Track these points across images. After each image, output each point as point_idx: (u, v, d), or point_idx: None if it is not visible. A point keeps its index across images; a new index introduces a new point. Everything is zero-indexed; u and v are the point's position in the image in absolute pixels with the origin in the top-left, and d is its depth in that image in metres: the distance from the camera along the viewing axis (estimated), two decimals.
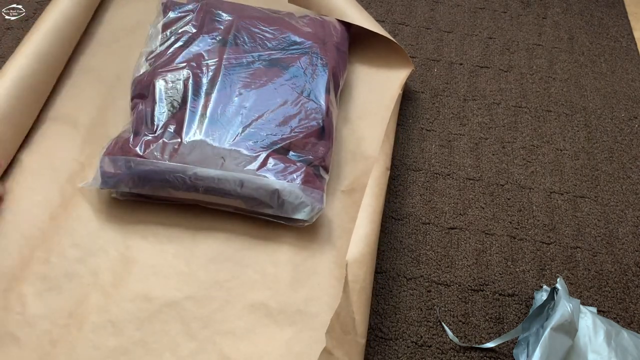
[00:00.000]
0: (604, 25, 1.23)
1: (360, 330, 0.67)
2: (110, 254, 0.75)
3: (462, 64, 1.11)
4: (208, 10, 0.94)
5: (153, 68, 0.85)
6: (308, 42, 0.93)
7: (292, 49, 0.91)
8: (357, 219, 0.74)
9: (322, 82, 0.88)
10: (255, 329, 0.70)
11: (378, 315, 0.76)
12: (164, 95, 0.82)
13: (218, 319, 0.71)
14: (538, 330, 0.71)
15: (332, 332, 0.64)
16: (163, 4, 0.96)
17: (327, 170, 0.82)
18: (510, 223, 0.88)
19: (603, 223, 0.89)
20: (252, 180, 0.75)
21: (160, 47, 0.89)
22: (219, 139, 0.78)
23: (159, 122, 0.80)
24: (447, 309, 0.78)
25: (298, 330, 0.71)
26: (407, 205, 0.88)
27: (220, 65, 0.87)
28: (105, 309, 0.70)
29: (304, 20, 0.98)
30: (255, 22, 0.94)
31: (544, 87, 1.09)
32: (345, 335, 0.66)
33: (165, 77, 0.83)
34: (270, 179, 0.76)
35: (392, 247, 0.83)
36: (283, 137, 0.80)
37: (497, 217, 0.88)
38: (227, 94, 0.83)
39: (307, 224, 0.78)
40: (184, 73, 0.84)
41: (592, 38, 1.20)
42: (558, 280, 0.72)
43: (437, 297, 0.79)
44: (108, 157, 0.76)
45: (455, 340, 0.74)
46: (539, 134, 1.01)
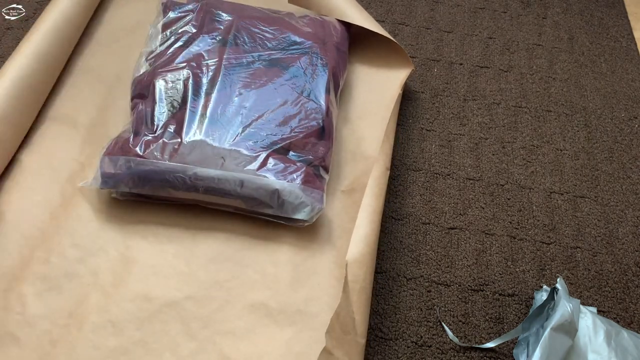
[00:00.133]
0: (604, 25, 1.23)
1: (360, 330, 0.67)
2: (110, 254, 0.75)
3: (462, 64, 1.11)
4: (208, 10, 0.94)
5: (153, 68, 0.85)
6: (308, 42, 0.93)
7: (292, 49, 0.91)
8: (357, 219, 0.74)
9: (322, 82, 0.88)
10: (255, 329, 0.70)
11: (378, 315, 0.76)
12: (164, 95, 0.82)
13: (218, 319, 0.71)
14: (538, 330, 0.71)
15: (332, 332, 0.64)
16: (163, 4, 0.96)
17: (327, 170, 0.82)
18: (510, 223, 0.88)
19: (603, 223, 0.89)
20: (252, 180, 0.75)
21: (160, 47, 0.89)
22: (219, 139, 0.78)
23: (159, 122, 0.80)
24: (447, 309, 0.78)
25: (298, 330, 0.71)
26: (407, 205, 0.88)
27: (220, 65, 0.87)
28: (105, 309, 0.70)
29: (304, 20, 0.98)
30: (255, 22, 0.94)
31: (544, 87, 1.09)
32: (345, 335, 0.66)
33: (165, 77, 0.83)
34: (270, 179, 0.76)
35: (392, 247, 0.83)
36: (283, 137, 0.80)
37: (497, 217, 0.88)
38: (227, 94, 0.83)
39: (307, 224, 0.78)
40: (184, 73, 0.84)
41: (592, 38, 1.20)
42: (558, 280, 0.72)
43: (437, 297, 0.79)
44: (108, 157, 0.76)
45: (455, 340, 0.74)
46: (539, 134, 1.01)
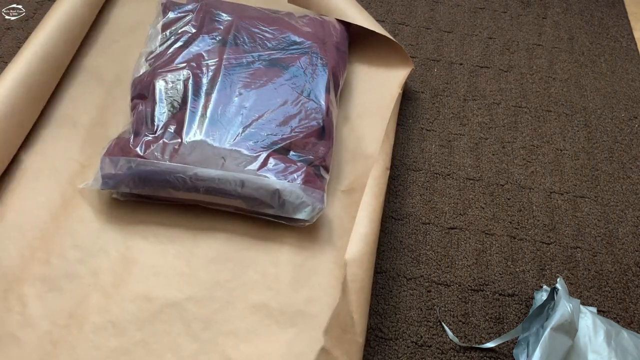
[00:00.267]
0: (604, 25, 1.23)
1: (359, 330, 0.67)
2: (111, 255, 0.75)
3: (462, 64, 1.11)
4: (208, 11, 0.94)
5: (153, 68, 0.85)
6: (308, 42, 0.93)
7: (292, 49, 0.91)
8: (356, 219, 0.74)
9: (322, 81, 0.88)
10: (257, 330, 0.70)
11: (378, 315, 0.76)
12: (164, 96, 0.82)
13: (219, 320, 0.71)
14: (538, 330, 0.71)
15: (330, 331, 0.64)
16: (162, 5, 0.96)
17: (327, 170, 0.82)
18: (510, 223, 0.88)
19: (603, 223, 0.89)
20: (252, 181, 0.75)
21: (160, 47, 0.89)
22: (220, 139, 0.78)
23: (159, 122, 0.80)
24: (447, 309, 0.78)
25: (299, 331, 0.71)
26: (407, 205, 0.88)
27: (220, 66, 0.86)
28: (106, 310, 0.70)
29: (304, 20, 0.98)
30: (255, 22, 0.94)
31: (544, 87, 1.09)
32: (344, 335, 0.66)
33: (165, 77, 0.83)
34: (271, 179, 0.76)
35: (392, 247, 0.83)
36: (283, 137, 0.80)
37: (497, 217, 0.88)
38: (227, 94, 0.83)
39: (307, 224, 0.78)
40: (184, 73, 0.84)
41: (592, 38, 1.20)
42: (558, 280, 0.72)
43: (437, 297, 0.79)
44: (108, 157, 0.76)
45: (455, 340, 0.74)
46: (539, 134, 1.01)
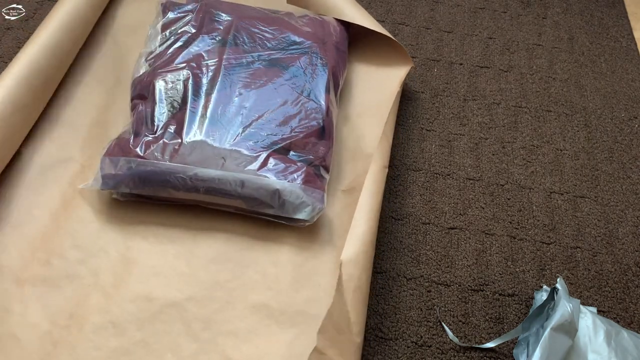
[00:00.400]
0: (604, 25, 1.23)
1: (356, 329, 0.66)
2: (111, 255, 0.75)
3: (462, 64, 1.11)
4: (207, 11, 0.94)
5: (153, 69, 0.85)
6: (307, 41, 0.93)
7: (291, 49, 0.91)
8: (353, 218, 0.73)
9: (322, 81, 0.88)
10: (257, 330, 0.70)
11: (378, 315, 0.76)
12: (164, 96, 0.82)
13: (219, 320, 0.71)
14: (538, 330, 0.71)
15: (324, 332, 0.64)
16: (162, 5, 0.96)
17: (327, 170, 0.82)
18: (510, 223, 0.88)
19: (603, 223, 0.89)
20: (252, 181, 0.75)
21: (160, 47, 0.89)
22: (220, 139, 0.78)
23: (159, 122, 0.80)
24: (447, 309, 0.78)
25: (299, 332, 0.71)
26: (407, 205, 0.88)
27: (220, 66, 0.86)
28: (106, 310, 0.70)
29: (304, 20, 0.98)
30: (255, 22, 0.94)
31: (544, 87, 1.09)
32: (339, 335, 0.65)
33: (165, 77, 0.83)
34: (271, 179, 0.76)
35: (392, 247, 0.83)
36: (283, 137, 0.80)
37: (497, 217, 0.88)
38: (227, 94, 0.83)
39: (307, 224, 0.78)
40: (184, 73, 0.84)
41: (592, 38, 1.20)
42: (558, 280, 0.72)
43: (437, 297, 0.79)
44: (108, 158, 0.76)
45: (455, 340, 0.75)
46: (539, 134, 1.01)
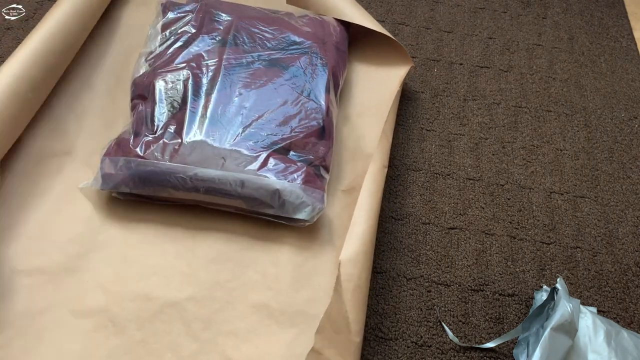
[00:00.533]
0: (604, 25, 1.23)
1: (355, 329, 0.66)
2: (111, 254, 0.75)
3: (462, 64, 1.11)
4: (207, 11, 0.94)
5: (153, 69, 0.85)
6: (307, 41, 0.93)
7: (291, 49, 0.91)
8: (352, 218, 0.73)
9: (322, 81, 0.88)
10: (257, 330, 0.70)
11: (378, 315, 0.76)
12: (164, 96, 0.82)
13: (219, 320, 0.71)
14: (538, 330, 0.71)
15: (322, 332, 0.64)
16: (162, 5, 0.96)
17: (327, 170, 0.82)
18: (510, 223, 0.88)
19: (603, 223, 0.89)
20: (252, 181, 0.75)
21: (160, 47, 0.89)
22: (220, 139, 0.78)
23: (159, 122, 0.80)
24: (447, 309, 0.78)
25: (299, 332, 0.71)
26: (407, 205, 0.88)
27: (220, 66, 0.87)
28: (106, 308, 0.70)
29: (303, 20, 0.98)
30: (255, 22, 0.94)
31: (544, 87, 1.09)
32: (337, 335, 0.65)
33: (165, 77, 0.83)
34: (271, 179, 0.76)
35: (392, 247, 0.83)
36: (283, 137, 0.80)
37: (497, 217, 0.88)
38: (227, 94, 0.83)
39: (307, 224, 0.78)
40: (184, 73, 0.84)
41: (592, 38, 1.20)
42: (558, 280, 0.72)
43: (437, 297, 0.79)
44: (108, 158, 0.77)
45: (455, 340, 0.75)
46: (539, 134, 1.01)
